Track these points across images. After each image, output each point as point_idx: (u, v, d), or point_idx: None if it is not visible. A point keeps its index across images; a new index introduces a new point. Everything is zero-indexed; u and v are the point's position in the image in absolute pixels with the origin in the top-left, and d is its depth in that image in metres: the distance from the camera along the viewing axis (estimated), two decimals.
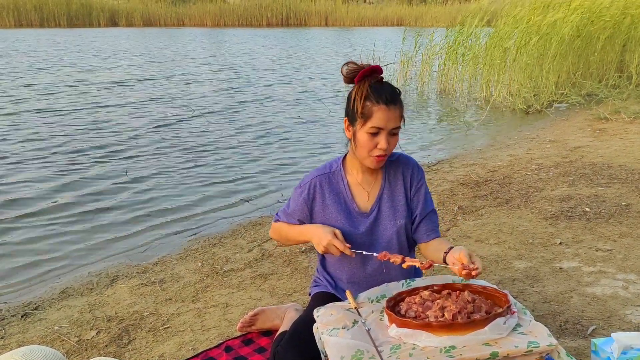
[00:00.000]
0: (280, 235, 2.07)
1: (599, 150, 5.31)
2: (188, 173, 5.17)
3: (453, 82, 9.93)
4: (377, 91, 1.76)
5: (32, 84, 10.35)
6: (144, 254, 3.50)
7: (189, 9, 38.98)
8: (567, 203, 3.84)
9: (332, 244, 1.77)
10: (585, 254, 3.01)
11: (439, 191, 4.32)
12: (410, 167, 1.97)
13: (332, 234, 1.79)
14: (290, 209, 1.99)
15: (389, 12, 40.72)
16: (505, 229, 3.47)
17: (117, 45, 19.42)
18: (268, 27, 36.49)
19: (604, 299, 2.53)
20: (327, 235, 1.79)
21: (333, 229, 1.82)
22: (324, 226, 1.86)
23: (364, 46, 15.89)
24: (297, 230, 1.97)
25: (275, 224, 2.08)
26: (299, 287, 2.83)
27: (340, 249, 1.77)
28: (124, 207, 4.30)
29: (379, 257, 1.76)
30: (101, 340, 2.40)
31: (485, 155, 5.56)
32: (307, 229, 1.91)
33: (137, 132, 6.76)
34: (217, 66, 14.09)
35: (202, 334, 2.41)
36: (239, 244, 3.51)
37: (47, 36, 23.54)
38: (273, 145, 6.24)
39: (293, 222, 2.00)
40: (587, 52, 9.38)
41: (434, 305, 1.62)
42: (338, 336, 1.59)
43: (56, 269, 3.32)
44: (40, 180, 4.90)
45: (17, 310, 2.75)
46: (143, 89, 10.11)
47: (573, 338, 2.22)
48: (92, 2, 37.13)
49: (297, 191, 1.98)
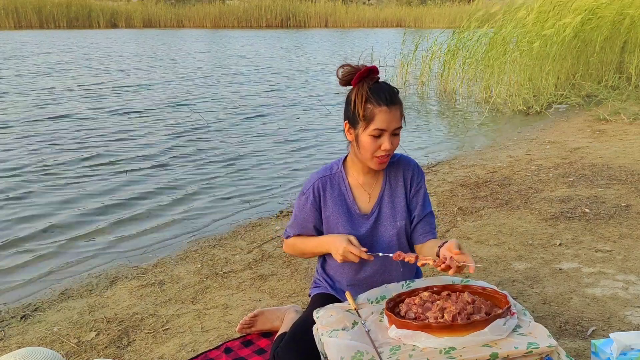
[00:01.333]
0: (296, 250, 2.06)
1: (599, 152, 5.31)
2: (187, 174, 5.17)
3: (453, 84, 9.93)
4: (377, 93, 1.76)
5: (44, 88, 10.35)
6: (144, 255, 3.49)
7: (189, 11, 39.00)
8: (567, 204, 3.84)
9: (348, 251, 1.77)
10: (585, 255, 3.01)
11: (439, 192, 4.32)
12: (410, 169, 1.97)
13: (347, 241, 1.78)
14: (298, 219, 1.98)
15: (388, 13, 40.77)
16: (505, 230, 3.47)
17: (121, 47, 19.44)
18: (268, 29, 36.51)
19: (603, 300, 2.53)
20: (342, 244, 1.78)
21: (347, 236, 1.81)
22: (338, 235, 1.85)
23: (363, 47, 15.90)
24: (313, 244, 1.96)
25: (287, 241, 2.07)
26: (299, 289, 2.83)
27: (356, 254, 1.76)
28: (123, 209, 4.30)
29: (394, 257, 1.76)
30: (101, 342, 2.39)
31: (484, 156, 5.56)
32: (324, 240, 1.91)
33: (135, 133, 6.76)
34: (216, 67, 14.09)
35: (202, 335, 2.41)
36: (239, 246, 3.51)
37: (55, 38, 23.54)
38: (272, 147, 6.24)
39: (307, 230, 1.99)
40: (586, 54, 9.38)
41: (433, 307, 1.61)
42: (338, 337, 1.59)
43: (55, 270, 3.31)
44: (39, 181, 4.89)
45: (17, 312, 2.74)
46: (142, 92, 10.11)
47: (573, 339, 2.22)
48: (91, 4, 37.16)
49: (301, 199, 1.97)
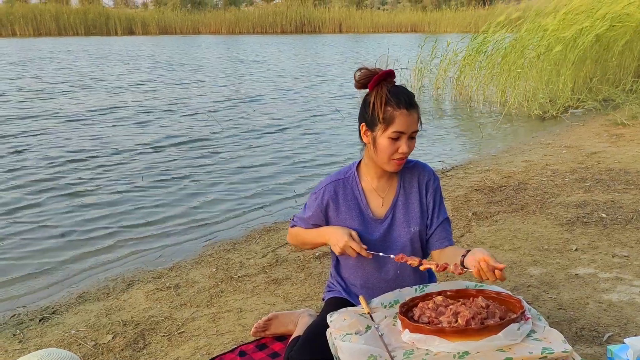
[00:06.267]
0: (297, 240, 2.08)
1: (616, 156, 5.25)
2: (202, 179, 5.21)
3: (469, 88, 9.90)
4: (396, 95, 1.77)
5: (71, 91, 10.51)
6: (159, 259, 3.53)
7: (204, 17, 39.38)
8: (583, 209, 3.80)
9: (348, 245, 1.79)
10: (602, 260, 2.98)
11: (453, 197, 4.31)
12: (426, 175, 1.97)
13: (349, 235, 1.81)
14: (306, 215, 2.00)
15: (403, 18, 40.77)
16: (520, 235, 3.44)
17: (138, 51, 19.65)
18: (282, 34, 36.67)
19: (620, 305, 2.50)
20: (343, 237, 1.80)
21: (350, 230, 1.83)
22: (341, 227, 1.87)
23: (378, 52, 15.91)
24: (314, 233, 1.98)
25: (292, 229, 2.09)
26: (313, 293, 2.83)
27: (356, 250, 1.78)
28: (140, 213, 4.34)
29: (396, 259, 1.77)
30: (117, 345, 2.42)
31: (500, 161, 5.53)
32: (324, 231, 1.92)
33: (151, 138, 6.82)
34: (231, 72, 14.19)
35: (217, 338, 2.43)
36: (253, 250, 3.52)
37: (76, 45, 23.89)
38: (287, 151, 6.26)
39: (309, 227, 2.01)
40: (604, 57, 9.29)
41: (447, 311, 1.61)
42: (351, 341, 1.59)
43: (73, 274, 3.36)
44: (57, 187, 4.96)
45: (35, 315, 2.78)
46: (157, 96, 10.22)
47: (589, 345, 2.20)
48: (109, 11, 37.70)
49: (312, 197, 1.99)
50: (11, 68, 15.04)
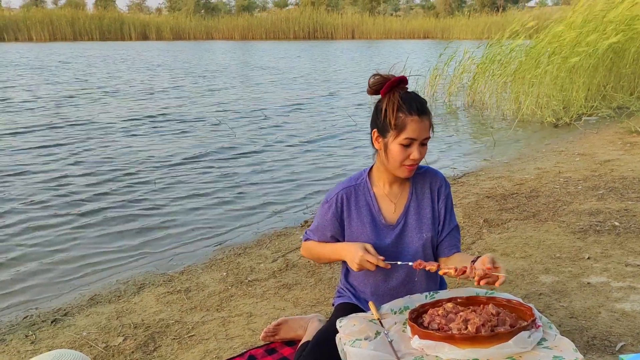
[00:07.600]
0: (312, 254, 2.06)
1: (630, 164, 5.20)
2: (214, 183, 5.24)
3: (482, 95, 9.86)
4: (408, 102, 1.77)
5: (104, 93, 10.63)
6: (170, 263, 3.55)
7: (218, 23, 39.67)
8: (596, 217, 3.77)
9: (365, 259, 1.75)
10: (615, 269, 2.96)
11: (465, 204, 4.29)
12: (438, 181, 1.96)
13: (364, 249, 1.77)
14: (319, 226, 1.98)
15: (416, 25, 40.79)
16: (531, 242, 3.42)
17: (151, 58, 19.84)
18: (295, 40, 36.80)
19: (633, 314, 2.47)
20: (358, 252, 1.77)
21: (363, 244, 1.80)
22: (354, 243, 1.84)
23: (392, 58, 15.93)
24: (329, 250, 1.96)
25: (305, 243, 2.07)
26: (323, 298, 2.83)
27: (373, 262, 1.75)
28: (151, 217, 4.37)
29: (415, 266, 1.76)
30: (127, 347, 2.44)
31: (512, 168, 5.50)
32: (339, 248, 1.90)
33: (162, 143, 6.87)
34: (242, 77, 14.27)
35: (226, 342, 2.43)
36: (264, 254, 3.53)
37: (92, 50, 24.17)
38: (298, 157, 6.28)
39: (325, 238, 1.99)
40: (618, 65, 9.21)
41: (457, 318, 1.61)
42: (360, 347, 1.59)
43: (85, 276, 3.39)
44: (70, 191, 5.01)
45: (47, 316, 2.81)
46: (170, 99, 10.29)
47: (601, 354, 2.17)
48: (123, 17, 38.13)
49: (324, 207, 1.97)
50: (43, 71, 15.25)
